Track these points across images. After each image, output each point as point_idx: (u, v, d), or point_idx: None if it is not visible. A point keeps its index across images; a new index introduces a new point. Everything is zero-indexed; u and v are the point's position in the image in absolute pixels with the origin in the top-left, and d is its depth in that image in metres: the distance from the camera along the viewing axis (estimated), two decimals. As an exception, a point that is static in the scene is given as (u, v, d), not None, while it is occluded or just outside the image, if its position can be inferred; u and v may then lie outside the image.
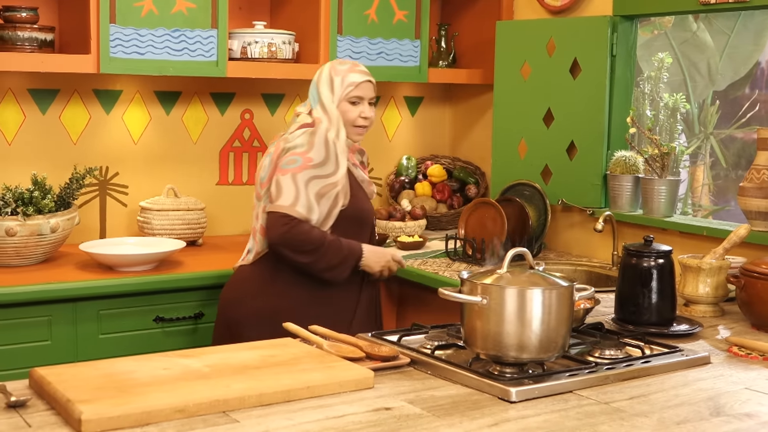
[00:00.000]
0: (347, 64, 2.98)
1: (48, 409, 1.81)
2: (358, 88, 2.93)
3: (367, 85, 2.95)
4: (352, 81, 2.92)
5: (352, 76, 2.93)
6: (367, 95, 2.95)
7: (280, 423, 1.77)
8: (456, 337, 2.28)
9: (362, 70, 2.97)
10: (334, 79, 2.93)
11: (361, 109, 2.93)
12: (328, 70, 2.96)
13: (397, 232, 3.83)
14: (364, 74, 2.95)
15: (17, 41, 3.18)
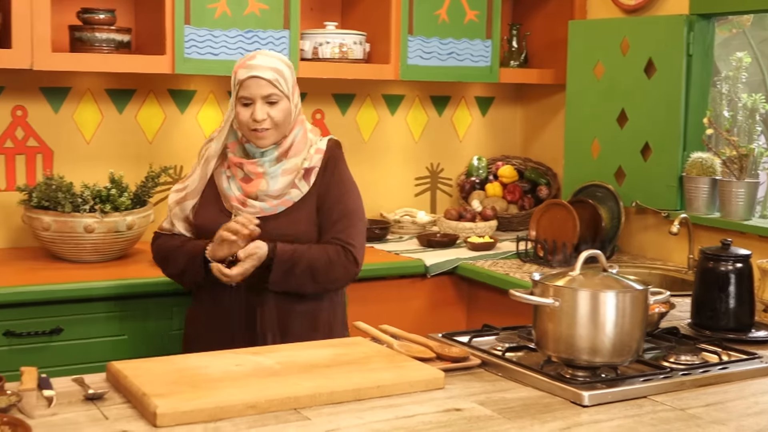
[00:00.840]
0: (245, 57, 2.57)
1: (124, 402, 1.85)
2: (243, 87, 2.51)
3: (254, 83, 2.49)
4: (238, 79, 2.53)
5: (240, 73, 2.52)
6: (258, 94, 2.49)
7: (350, 421, 1.78)
8: (527, 339, 2.26)
9: (252, 63, 2.51)
10: (232, 77, 2.57)
11: (251, 110, 2.50)
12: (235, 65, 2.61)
13: (467, 232, 3.81)
14: (250, 69, 2.50)
15: (95, 42, 3.25)
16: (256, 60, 2.52)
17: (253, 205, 2.54)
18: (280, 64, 2.54)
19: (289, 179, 2.56)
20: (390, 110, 4.10)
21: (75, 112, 3.49)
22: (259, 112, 2.49)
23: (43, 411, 1.79)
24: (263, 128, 2.51)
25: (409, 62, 3.69)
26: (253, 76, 2.49)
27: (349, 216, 2.61)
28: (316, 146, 2.63)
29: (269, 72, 2.50)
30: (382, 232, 3.78)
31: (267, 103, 2.50)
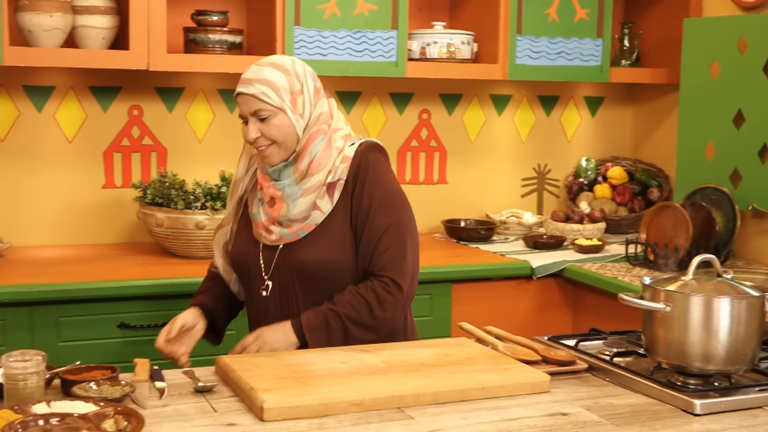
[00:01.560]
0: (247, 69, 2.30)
1: (232, 396, 1.89)
2: (237, 105, 2.31)
3: (242, 100, 2.26)
4: (235, 93, 2.30)
5: (238, 88, 2.29)
6: (247, 111, 2.26)
7: (454, 422, 1.77)
8: (636, 345, 2.22)
9: (243, 77, 2.27)
10: None
11: (247, 128, 2.28)
12: None
13: (574, 234, 3.76)
14: (239, 84, 2.27)
15: (208, 44, 3.33)
16: (247, 73, 2.27)
17: (275, 233, 2.30)
18: (273, 73, 2.24)
19: (310, 200, 2.26)
20: (497, 110, 4.07)
21: (188, 112, 3.58)
22: (250, 131, 2.25)
23: (154, 402, 1.84)
24: (262, 146, 2.26)
25: (518, 62, 3.66)
26: (240, 93, 2.26)
27: (389, 234, 2.27)
28: (343, 154, 2.28)
29: (254, 86, 2.23)
30: (488, 233, 3.75)
31: (259, 120, 2.25)
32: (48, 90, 3.39)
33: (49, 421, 1.63)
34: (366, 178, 2.27)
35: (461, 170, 4.03)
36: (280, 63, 2.27)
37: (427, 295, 3.26)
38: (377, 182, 2.28)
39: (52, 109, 3.40)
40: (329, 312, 2.23)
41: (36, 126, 3.38)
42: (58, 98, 3.40)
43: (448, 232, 3.81)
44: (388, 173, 2.33)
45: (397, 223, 2.29)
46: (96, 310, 2.89)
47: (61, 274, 2.96)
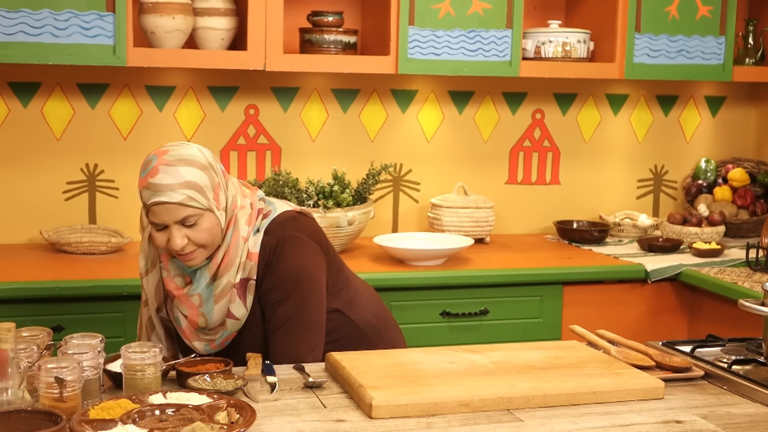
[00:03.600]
0: (148, 167, 2.02)
1: (341, 392, 1.91)
2: (152, 213, 2.03)
3: (162, 209, 2.01)
4: (143, 201, 2.05)
5: (144, 194, 2.03)
6: (171, 219, 2.01)
7: (564, 426, 1.75)
8: (756, 353, 2.14)
9: (157, 182, 1.99)
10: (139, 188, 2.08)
11: (167, 236, 2.04)
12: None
13: (692, 238, 3.65)
14: (155, 192, 2.00)
15: (323, 44, 3.37)
16: (159, 177, 1.99)
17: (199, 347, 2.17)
18: (192, 172, 2.02)
19: (224, 305, 2.11)
20: (613, 110, 3.99)
21: (302, 111, 3.64)
22: (177, 240, 2.02)
23: (266, 396, 1.87)
24: (187, 252, 2.05)
25: (636, 60, 3.58)
26: (160, 203, 2.00)
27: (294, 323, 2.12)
28: (248, 249, 2.10)
29: (177, 192, 2.00)
30: (601, 235, 3.68)
31: (184, 226, 2.03)
32: (169, 90, 3.49)
33: (164, 412, 1.68)
34: (273, 270, 2.11)
35: (575, 171, 3.97)
36: (191, 158, 2.04)
37: (537, 297, 3.23)
38: (282, 273, 2.11)
39: (172, 109, 3.50)
40: None
41: (157, 125, 3.49)
42: (178, 98, 3.51)
43: (560, 233, 3.76)
44: (294, 257, 2.12)
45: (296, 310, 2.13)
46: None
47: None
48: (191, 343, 2.19)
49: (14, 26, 2.96)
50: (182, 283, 2.14)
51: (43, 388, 1.66)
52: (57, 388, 1.64)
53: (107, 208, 3.47)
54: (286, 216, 2.16)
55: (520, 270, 3.24)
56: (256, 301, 2.14)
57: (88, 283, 2.86)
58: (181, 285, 2.14)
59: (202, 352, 2.17)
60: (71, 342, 1.84)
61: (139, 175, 2.05)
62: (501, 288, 3.19)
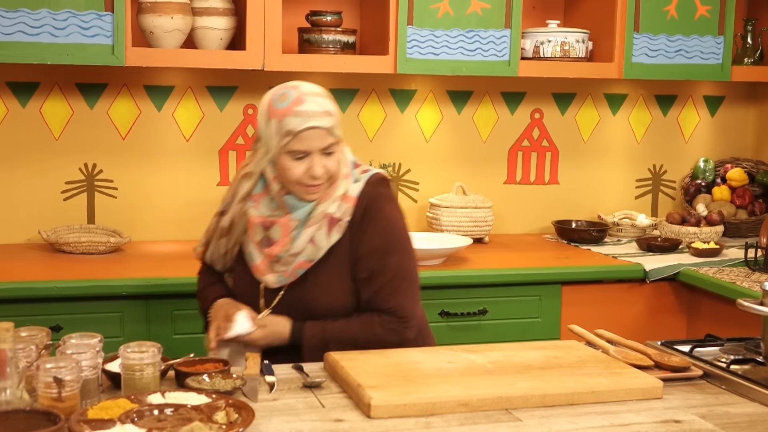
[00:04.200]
0: (288, 99, 2.13)
1: (340, 392, 1.91)
2: (298, 140, 2.11)
3: (313, 133, 2.10)
4: (288, 129, 2.11)
5: (290, 122, 2.10)
6: (315, 147, 2.11)
7: (562, 426, 1.75)
8: (754, 352, 2.14)
9: (306, 110, 2.10)
10: (270, 122, 2.14)
11: (307, 165, 2.12)
12: (266, 105, 2.17)
13: (690, 237, 3.65)
14: (307, 118, 2.10)
15: (322, 44, 3.37)
16: (307, 105, 2.11)
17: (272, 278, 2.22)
18: (329, 102, 2.16)
19: (311, 232, 2.17)
20: (611, 110, 4.00)
21: (301, 111, 3.64)
22: (318, 168, 2.11)
23: (264, 395, 1.87)
24: (318, 183, 2.14)
25: (634, 60, 3.58)
26: (312, 127, 2.10)
27: (397, 276, 2.20)
28: (347, 193, 2.20)
29: (326, 118, 2.12)
30: (600, 235, 3.69)
31: (323, 154, 2.13)
32: (167, 90, 3.49)
33: (163, 411, 1.68)
34: (373, 221, 2.19)
35: (573, 170, 3.98)
36: (322, 92, 2.19)
37: (536, 297, 3.23)
38: (384, 225, 2.20)
39: (171, 108, 3.50)
40: (332, 337, 2.16)
41: (155, 125, 3.49)
42: (177, 98, 3.50)
43: (558, 233, 3.76)
44: (394, 212, 2.24)
45: (401, 263, 2.21)
46: (210, 304, 2.96)
47: (176, 268, 3.04)
48: (264, 277, 2.22)
49: (13, 26, 2.96)
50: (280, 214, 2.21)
51: (41, 388, 1.66)
52: (55, 387, 1.64)
53: (106, 208, 3.47)
54: (383, 176, 2.28)
55: (519, 270, 3.24)
56: (346, 246, 2.18)
57: (87, 283, 2.86)
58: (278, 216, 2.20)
59: (274, 285, 2.21)
60: (70, 342, 1.84)
61: (272, 106, 2.14)
62: (500, 288, 3.18)
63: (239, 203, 2.25)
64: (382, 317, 2.18)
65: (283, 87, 2.18)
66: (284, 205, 2.19)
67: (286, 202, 2.19)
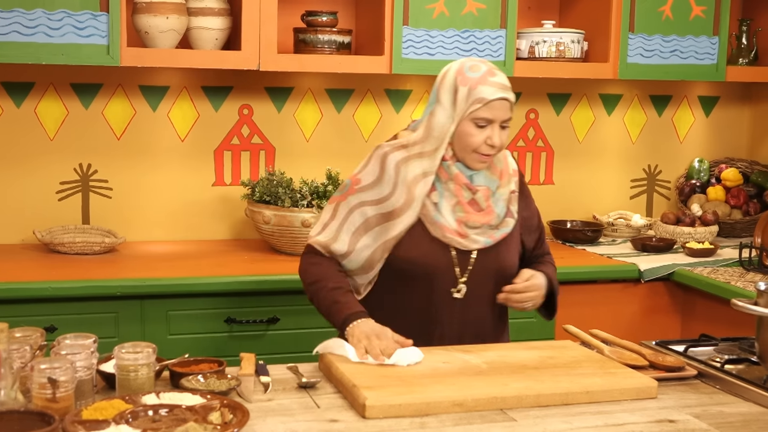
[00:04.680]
0: (481, 70, 2.24)
1: (335, 392, 1.91)
2: (487, 108, 2.22)
3: (501, 104, 2.23)
4: (480, 97, 2.22)
5: (483, 90, 2.21)
6: (499, 117, 2.23)
7: (557, 426, 1.75)
8: (749, 352, 2.15)
9: (499, 82, 2.23)
10: (459, 89, 2.24)
11: (488, 134, 2.23)
12: (454, 73, 2.27)
13: (685, 237, 3.66)
14: (499, 89, 2.23)
15: (317, 44, 3.37)
16: (499, 78, 2.25)
17: (475, 240, 2.29)
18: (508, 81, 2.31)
19: (505, 208, 2.34)
20: (606, 110, 4.00)
21: (296, 111, 3.64)
22: (497, 137, 2.23)
23: (259, 396, 1.87)
24: (492, 153, 2.26)
25: (629, 60, 3.58)
26: (503, 99, 2.23)
27: (543, 230, 2.53)
28: (512, 167, 2.40)
29: (512, 93, 2.27)
30: (594, 235, 3.69)
31: (501, 127, 2.25)
32: (162, 90, 3.49)
33: (158, 412, 1.68)
34: (525, 190, 2.43)
35: (568, 171, 3.98)
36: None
37: (531, 297, 3.22)
38: (529, 193, 2.46)
39: (166, 109, 3.50)
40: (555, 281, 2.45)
41: (150, 125, 3.49)
42: (172, 98, 3.50)
43: (553, 233, 3.77)
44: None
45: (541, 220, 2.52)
46: (204, 305, 2.96)
47: (171, 268, 3.04)
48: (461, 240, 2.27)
49: (7, 26, 2.95)
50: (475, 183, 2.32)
51: (36, 389, 1.65)
52: (50, 388, 1.64)
53: (101, 209, 3.46)
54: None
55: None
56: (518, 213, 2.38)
57: (82, 283, 2.86)
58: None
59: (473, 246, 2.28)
60: (64, 342, 1.84)
61: (464, 74, 2.24)
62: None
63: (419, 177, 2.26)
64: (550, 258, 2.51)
65: (471, 60, 2.30)
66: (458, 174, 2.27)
67: (459, 169, 2.28)
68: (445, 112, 2.25)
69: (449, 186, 2.27)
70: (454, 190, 2.27)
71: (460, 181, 2.27)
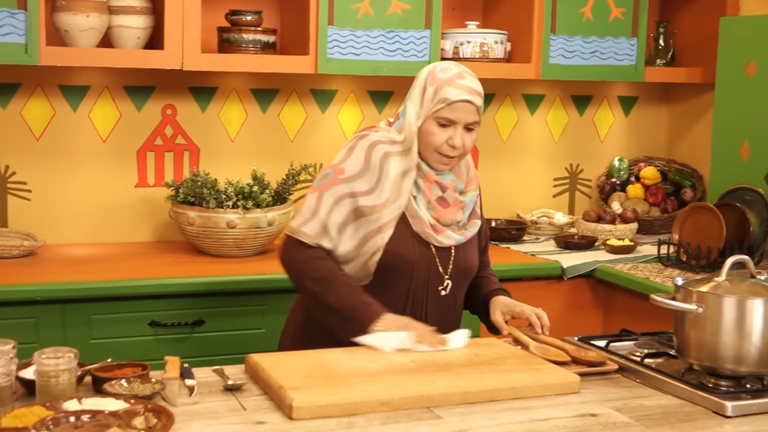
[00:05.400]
0: (451, 72, 2.28)
1: (261, 394, 1.90)
2: (450, 108, 2.25)
3: (465, 107, 2.25)
4: (444, 97, 2.25)
5: (448, 91, 2.24)
6: (463, 119, 2.25)
7: (483, 422, 1.77)
8: (667, 346, 2.20)
9: (466, 85, 2.26)
10: (427, 88, 2.28)
11: (450, 134, 2.25)
12: (426, 74, 2.31)
13: (606, 235, 3.73)
14: (465, 91, 2.25)
15: (242, 43, 3.34)
16: (468, 81, 2.27)
17: (450, 236, 2.32)
18: (482, 88, 2.32)
19: (471, 208, 2.40)
20: (530, 110, 4.06)
21: (221, 111, 3.60)
22: (459, 139, 2.25)
23: (185, 399, 1.85)
24: (454, 155, 2.28)
25: (551, 61, 3.64)
26: (467, 101, 2.25)
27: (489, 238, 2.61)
28: (476, 173, 2.46)
29: (478, 98, 2.28)
30: (519, 233, 3.74)
31: (465, 129, 2.27)
32: (83, 89, 3.42)
33: (80, 418, 1.65)
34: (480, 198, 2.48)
35: (493, 170, 4.02)
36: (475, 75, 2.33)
37: (457, 295, 3.25)
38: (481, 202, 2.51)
39: (87, 109, 3.43)
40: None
41: (71, 125, 3.42)
42: (93, 98, 3.44)
43: (479, 232, 3.80)
44: None
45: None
46: (127, 308, 2.91)
47: (93, 272, 2.99)
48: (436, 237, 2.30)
49: None
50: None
51: (-48, 397, 1.61)
52: (-33, 396, 1.60)
53: (19, 211, 3.38)
54: None
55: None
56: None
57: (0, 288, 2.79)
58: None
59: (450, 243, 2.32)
60: (-18, 349, 1.79)
61: (434, 75, 2.28)
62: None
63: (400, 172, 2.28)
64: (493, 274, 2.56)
65: (447, 62, 2.35)
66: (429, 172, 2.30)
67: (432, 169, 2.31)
68: (414, 110, 2.29)
69: (419, 183, 2.30)
70: (424, 187, 2.30)
71: (431, 178, 2.30)
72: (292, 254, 2.30)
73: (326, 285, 2.23)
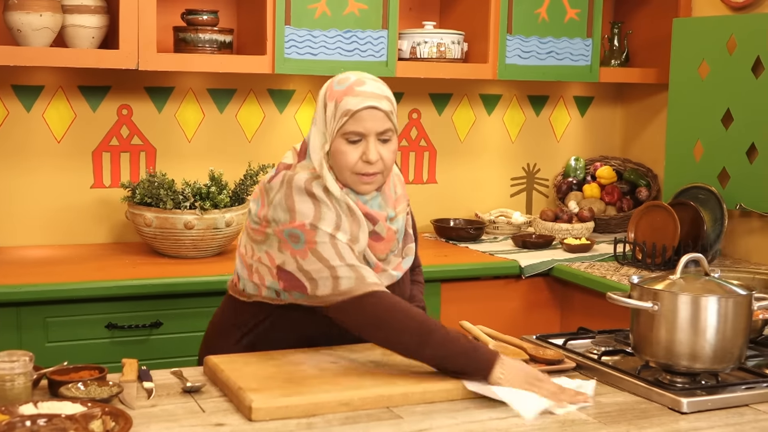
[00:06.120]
0: (348, 81, 2.04)
1: (220, 396, 1.89)
2: (354, 120, 2.00)
3: (371, 114, 2.01)
4: (346, 109, 2.01)
5: (348, 101, 2.00)
6: (372, 129, 2.01)
7: (443, 421, 1.78)
8: (624, 344, 2.23)
9: (366, 90, 2.02)
10: (327, 105, 2.05)
11: (362, 149, 2.01)
12: (325, 90, 2.08)
13: (563, 234, 3.76)
14: (366, 97, 2.01)
15: (198, 43, 3.32)
16: (368, 86, 2.03)
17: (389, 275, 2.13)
18: (389, 91, 2.09)
19: (404, 231, 2.22)
20: (487, 110, 4.08)
21: (177, 111, 3.58)
22: (374, 153, 2.00)
23: (143, 402, 1.84)
24: (373, 172, 2.04)
25: (508, 62, 3.66)
26: (370, 107, 2.01)
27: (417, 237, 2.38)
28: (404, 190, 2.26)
29: (385, 102, 2.03)
30: (477, 233, 3.76)
31: (380, 140, 2.03)
32: (37, 89, 3.38)
33: (36, 422, 1.63)
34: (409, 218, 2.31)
35: (451, 170, 4.04)
36: (381, 80, 2.10)
37: (416, 295, 3.26)
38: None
39: (41, 109, 3.39)
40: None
41: (24, 126, 3.37)
42: (47, 98, 3.39)
43: (437, 231, 3.82)
44: None
45: None
46: (84, 311, 2.88)
47: (48, 274, 2.95)
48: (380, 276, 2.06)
49: None
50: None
51: None
52: None
53: (-28, 213, 3.33)
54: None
55: (399, 268, 3.27)
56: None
57: (-48, 291, 2.75)
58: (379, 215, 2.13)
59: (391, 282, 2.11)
60: (-66, 353, 1.76)
61: (332, 89, 2.05)
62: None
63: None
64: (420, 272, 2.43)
65: (344, 73, 2.09)
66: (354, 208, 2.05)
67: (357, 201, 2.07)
68: (319, 133, 2.06)
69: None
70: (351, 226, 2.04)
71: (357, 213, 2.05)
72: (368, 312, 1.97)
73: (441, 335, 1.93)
